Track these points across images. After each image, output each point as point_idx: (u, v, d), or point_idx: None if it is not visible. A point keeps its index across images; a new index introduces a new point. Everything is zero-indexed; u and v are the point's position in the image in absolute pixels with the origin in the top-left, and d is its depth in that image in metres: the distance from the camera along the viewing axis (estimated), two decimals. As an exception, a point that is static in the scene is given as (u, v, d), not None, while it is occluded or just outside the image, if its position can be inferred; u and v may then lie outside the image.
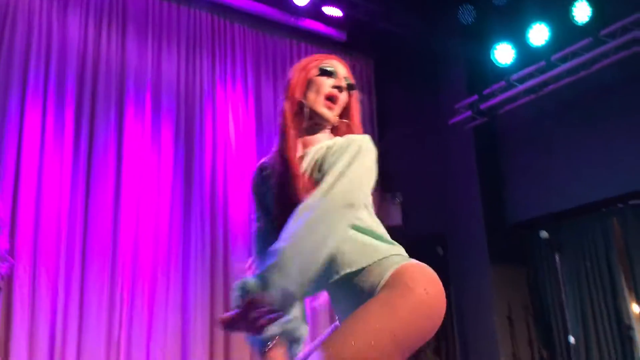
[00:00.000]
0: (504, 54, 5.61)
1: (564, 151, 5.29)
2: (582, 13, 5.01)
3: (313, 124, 1.78)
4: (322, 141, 1.75)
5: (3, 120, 4.48)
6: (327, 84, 1.77)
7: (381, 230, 1.71)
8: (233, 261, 5.13)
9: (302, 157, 1.73)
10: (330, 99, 1.77)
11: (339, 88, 1.78)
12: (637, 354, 4.91)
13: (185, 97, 5.40)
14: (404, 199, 5.56)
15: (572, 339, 4.75)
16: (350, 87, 1.83)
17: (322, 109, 1.76)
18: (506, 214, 5.68)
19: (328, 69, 1.80)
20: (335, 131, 1.83)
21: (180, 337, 4.75)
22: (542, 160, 5.47)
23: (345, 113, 1.85)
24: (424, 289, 1.55)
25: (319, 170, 1.66)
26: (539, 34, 5.34)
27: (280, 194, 1.69)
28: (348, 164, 1.60)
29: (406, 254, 1.68)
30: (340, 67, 1.83)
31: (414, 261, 1.66)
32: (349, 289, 1.63)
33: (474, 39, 5.80)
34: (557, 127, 5.37)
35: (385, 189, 6.14)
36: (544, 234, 4.85)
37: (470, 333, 5.46)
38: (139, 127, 5.07)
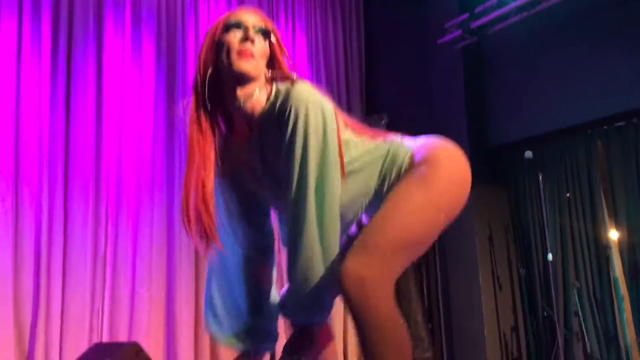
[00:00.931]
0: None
1: (552, 72, 5.23)
2: None
3: (239, 85, 1.64)
4: (258, 92, 1.64)
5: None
6: (235, 39, 1.62)
7: (370, 141, 1.71)
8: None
9: (248, 132, 1.66)
10: (243, 52, 1.61)
11: (250, 39, 1.62)
12: (612, 274, 5.06)
13: (167, 11, 5.22)
14: (389, 119, 5.52)
15: (550, 257, 4.87)
16: (264, 34, 1.67)
17: (237, 63, 1.60)
18: (491, 135, 5.67)
19: (232, 22, 1.65)
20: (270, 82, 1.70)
21: (165, 252, 4.82)
22: (529, 82, 5.41)
23: (271, 62, 1.70)
24: (445, 157, 1.62)
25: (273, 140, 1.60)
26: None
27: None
28: (303, 146, 1.51)
29: (399, 140, 1.73)
30: (247, 16, 1.67)
31: (418, 141, 1.71)
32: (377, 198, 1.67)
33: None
34: (547, 48, 5.28)
35: (371, 109, 6.10)
36: (528, 153, 4.87)
37: (451, 254, 5.59)
38: (119, 43, 4.92)
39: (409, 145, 1.69)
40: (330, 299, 1.56)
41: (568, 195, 5.26)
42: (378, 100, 6.20)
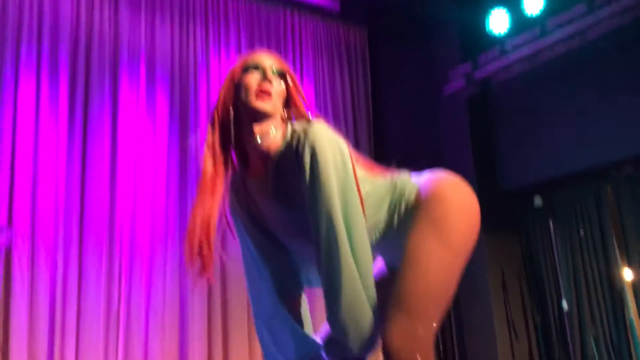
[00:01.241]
0: (498, 21, 5.58)
1: (558, 118, 5.29)
2: (577, -21, 4.97)
3: (257, 124, 1.69)
4: (274, 130, 1.69)
5: (-2, 90, 4.48)
6: (253, 79, 1.70)
7: (376, 178, 1.76)
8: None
9: (264, 169, 1.71)
10: (261, 92, 1.68)
11: (268, 80, 1.70)
12: (628, 318, 4.99)
13: (180, 67, 5.38)
14: (397, 167, 5.57)
15: (565, 305, 4.82)
16: (281, 75, 1.74)
17: (255, 102, 1.67)
18: (499, 182, 5.70)
19: (250, 64, 1.73)
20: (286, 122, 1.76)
21: (178, 306, 4.81)
22: (535, 128, 5.47)
23: (288, 102, 1.77)
24: (452, 192, 1.66)
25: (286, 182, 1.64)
26: (534, 1, 5.31)
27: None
28: (325, 182, 1.54)
29: (406, 176, 1.76)
30: (265, 59, 1.74)
31: (424, 176, 1.74)
32: (385, 236, 1.71)
33: (468, 5, 5.76)
34: (551, 95, 5.36)
35: (379, 157, 6.16)
36: (537, 200, 4.89)
37: (465, 302, 5.53)
38: (134, 99, 5.07)
39: (415, 179, 1.73)
40: (377, 333, 1.56)
41: (581, 232, 5.24)
42: (386, 149, 6.28)
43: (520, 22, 5.47)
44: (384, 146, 6.35)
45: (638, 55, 4.77)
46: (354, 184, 1.59)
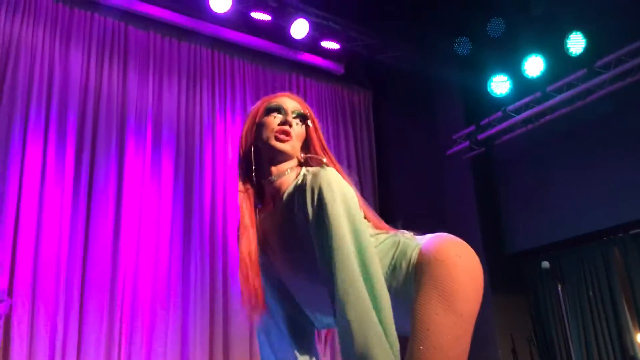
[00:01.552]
0: (500, 85, 5.67)
1: (562, 180, 5.31)
2: (576, 45, 5.08)
3: (275, 163, 1.74)
4: (289, 172, 1.73)
5: (5, 155, 4.50)
6: (275, 121, 1.74)
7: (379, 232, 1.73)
8: (232, 295, 5.10)
9: (273, 205, 1.74)
10: (281, 133, 1.73)
11: (288, 123, 1.74)
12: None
13: (186, 130, 5.44)
14: (403, 229, 5.55)
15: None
16: (302, 118, 1.79)
17: (274, 142, 1.72)
18: (505, 244, 5.66)
19: (273, 106, 1.77)
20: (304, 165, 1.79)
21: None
22: (540, 190, 5.48)
23: (306, 145, 1.82)
24: (455, 255, 1.60)
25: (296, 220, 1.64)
26: (534, 65, 5.42)
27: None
28: (334, 215, 1.53)
29: (409, 235, 1.73)
30: (287, 102, 1.79)
31: (426, 237, 1.71)
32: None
33: (470, 70, 5.87)
34: (554, 157, 5.39)
35: (385, 219, 6.14)
36: (545, 264, 4.83)
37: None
38: (140, 161, 5.10)
39: (418, 239, 1.72)
40: None
41: (590, 293, 5.15)
42: (391, 210, 6.26)
43: (521, 86, 5.56)
44: (388, 207, 6.34)
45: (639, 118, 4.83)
46: (362, 218, 1.59)
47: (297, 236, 1.64)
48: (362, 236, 1.54)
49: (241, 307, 1.69)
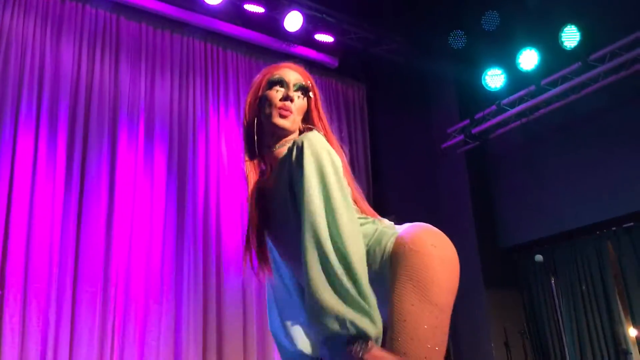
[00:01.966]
0: (494, 78, 5.67)
1: (556, 174, 5.31)
2: (571, 38, 5.08)
3: (277, 137, 1.78)
4: (287, 143, 1.76)
5: (-4, 148, 4.46)
6: (277, 95, 1.77)
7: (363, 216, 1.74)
8: (226, 289, 5.08)
9: (270, 174, 1.79)
10: (283, 109, 1.76)
11: (290, 99, 1.76)
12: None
13: (179, 124, 5.40)
14: (397, 222, 5.55)
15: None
16: (303, 91, 1.81)
17: (276, 119, 1.75)
18: (499, 238, 5.67)
19: (275, 78, 1.79)
20: None
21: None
22: (534, 184, 5.49)
23: (307, 115, 1.84)
24: (430, 244, 1.60)
25: (290, 190, 1.66)
26: (528, 58, 5.41)
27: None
28: (318, 170, 1.56)
29: (388, 223, 1.74)
30: (289, 73, 1.81)
31: (404, 226, 1.70)
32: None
33: (465, 64, 5.86)
34: (548, 151, 5.40)
35: (379, 212, 6.13)
36: (538, 257, 4.84)
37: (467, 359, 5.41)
38: (132, 155, 5.05)
39: (396, 228, 1.71)
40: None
41: (584, 288, 5.17)
42: (385, 205, 6.25)
43: (515, 80, 5.55)
44: (383, 200, 6.33)
45: (634, 111, 4.83)
46: (339, 183, 1.58)
47: (285, 198, 1.67)
48: (331, 189, 1.54)
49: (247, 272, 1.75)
